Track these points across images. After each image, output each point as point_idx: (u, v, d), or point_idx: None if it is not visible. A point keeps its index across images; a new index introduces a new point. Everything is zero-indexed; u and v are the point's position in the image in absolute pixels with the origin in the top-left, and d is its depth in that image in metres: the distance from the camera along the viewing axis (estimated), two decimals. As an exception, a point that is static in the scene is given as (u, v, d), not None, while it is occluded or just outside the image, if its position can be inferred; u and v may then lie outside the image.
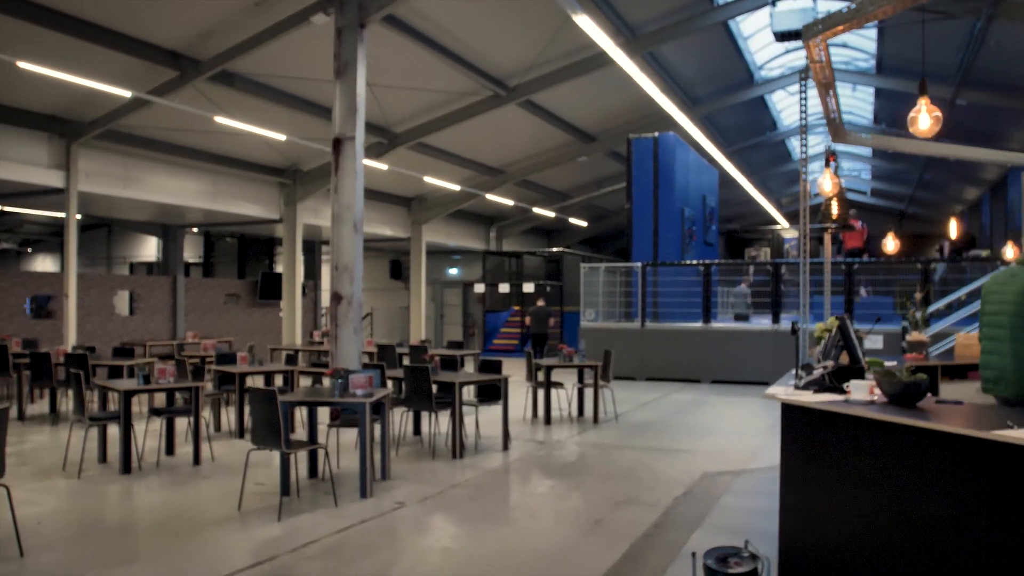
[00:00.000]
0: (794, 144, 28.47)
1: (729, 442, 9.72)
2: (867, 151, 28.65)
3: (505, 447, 9.05)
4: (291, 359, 11.30)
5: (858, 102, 23.76)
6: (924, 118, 9.40)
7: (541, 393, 11.10)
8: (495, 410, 9.44)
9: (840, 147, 29.03)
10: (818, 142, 28.28)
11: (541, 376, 11.09)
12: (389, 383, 9.73)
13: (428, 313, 30.30)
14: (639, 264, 17.30)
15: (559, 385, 11.27)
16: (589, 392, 11.45)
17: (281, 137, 14.79)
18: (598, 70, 15.93)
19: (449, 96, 16.50)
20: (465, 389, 8.83)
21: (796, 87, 21.63)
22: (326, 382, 7.62)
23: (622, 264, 18.18)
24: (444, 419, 10.20)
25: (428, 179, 20.01)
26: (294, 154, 18.08)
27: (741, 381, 15.99)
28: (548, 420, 10.88)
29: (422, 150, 19.23)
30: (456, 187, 21.38)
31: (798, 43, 20.17)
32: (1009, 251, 17.82)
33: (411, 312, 24.51)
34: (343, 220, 11.01)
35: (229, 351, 11.90)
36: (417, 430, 9.99)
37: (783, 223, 38.87)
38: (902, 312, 16.29)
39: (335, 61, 10.90)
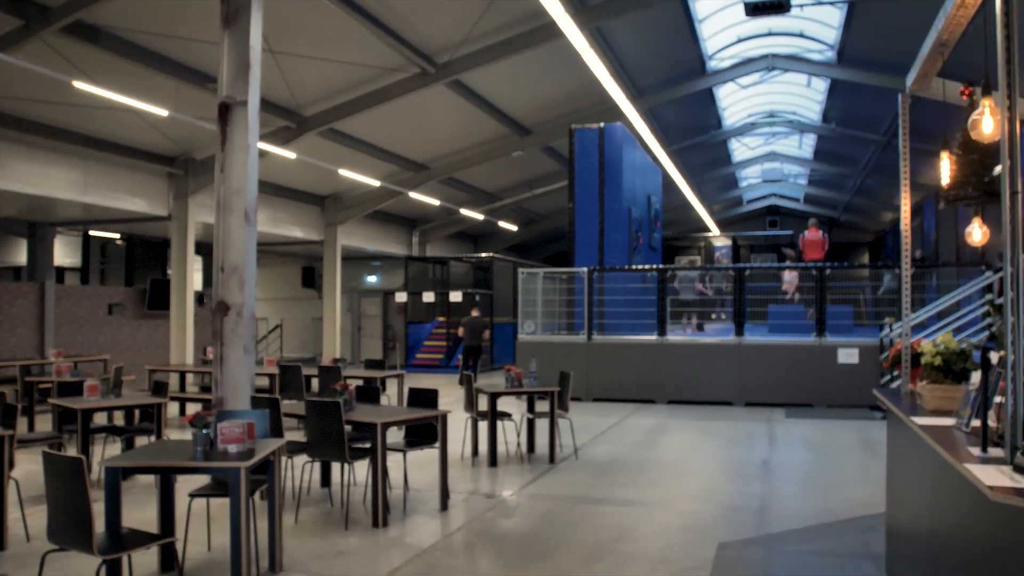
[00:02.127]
0: (734, 146, 27.07)
1: (722, 487, 7.71)
2: (809, 153, 27.48)
3: (443, 506, 6.81)
4: (160, 388, 8.76)
5: (805, 100, 22.40)
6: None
7: (484, 425, 8.89)
8: (428, 450, 7.20)
9: (781, 150, 27.83)
10: (759, 143, 26.96)
11: (483, 404, 8.89)
12: (291, 429, 7.37)
13: (344, 325, 27.76)
14: (584, 269, 15.28)
15: (506, 416, 9.10)
16: (540, 423, 9.32)
17: (163, 113, 12.19)
18: (539, 46, 13.92)
19: (369, 72, 14.18)
20: (392, 429, 6.57)
21: (748, 79, 20.18)
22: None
23: (565, 270, 16.14)
24: (362, 466, 7.89)
25: (344, 172, 17.59)
26: (185, 139, 15.43)
27: (701, 401, 14.13)
28: (494, 460, 8.68)
29: (336, 138, 16.82)
30: (375, 183, 19.02)
31: (755, 31, 18.68)
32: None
33: (325, 324, 21.96)
34: (231, 208, 8.57)
35: (82, 376, 9.28)
36: (326, 480, 7.66)
37: (715, 230, 37.73)
38: (880, 323, 14.78)
39: (223, 4, 8.49)
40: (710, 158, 27.26)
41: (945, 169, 5.66)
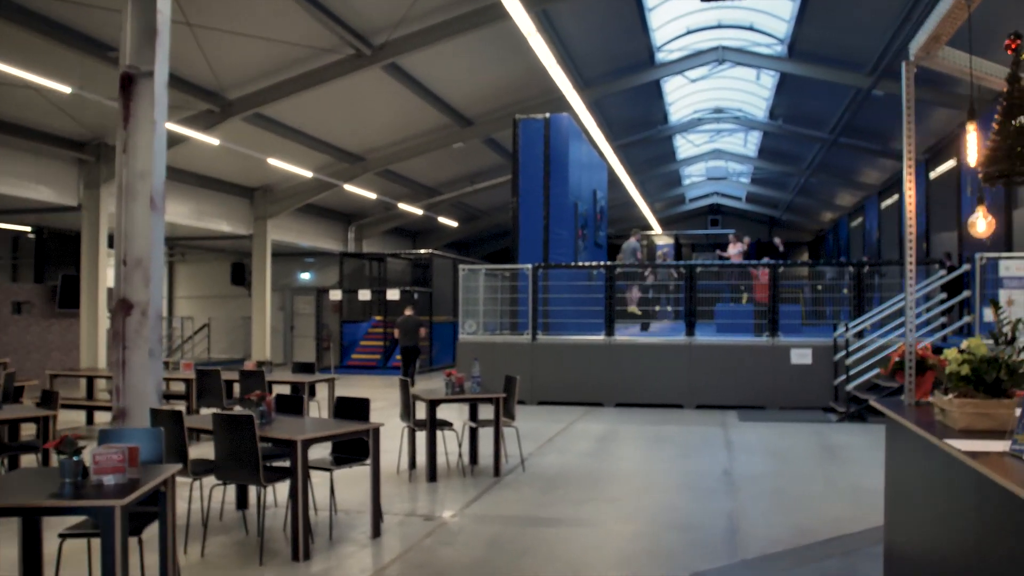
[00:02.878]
0: (679, 143, 26.68)
1: (685, 503, 7.02)
2: (753, 151, 27.26)
3: (376, 532, 5.96)
4: (48, 398, 7.68)
5: (753, 97, 22.06)
6: None
7: (422, 436, 8.05)
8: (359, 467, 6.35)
9: (726, 148, 27.56)
10: (704, 140, 26.62)
11: (422, 412, 8.05)
12: (208, 441, 6.43)
13: (275, 324, 26.57)
14: (529, 266, 14.52)
15: (446, 425, 8.27)
16: (484, 432, 8.52)
17: (66, 90, 11.02)
18: (482, 28, 13.15)
19: (299, 52, 13.18)
20: (319, 444, 5.69)
21: (696, 72, 19.70)
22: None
23: (509, 266, 15.37)
24: (285, 485, 6.99)
25: (273, 162, 16.52)
26: (95, 122, 14.18)
27: (650, 404, 13.51)
28: (433, 475, 7.84)
29: (265, 125, 15.75)
30: (308, 174, 17.97)
31: (704, 23, 18.18)
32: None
33: (254, 324, 20.79)
34: (135, 194, 7.56)
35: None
36: (243, 502, 6.72)
37: (657, 229, 37.43)
38: (834, 322, 14.35)
39: (124, -40, 7.49)
40: (655, 154, 26.83)
41: (973, 143, 5.00)
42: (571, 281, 15.07)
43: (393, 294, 22.04)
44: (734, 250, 16.36)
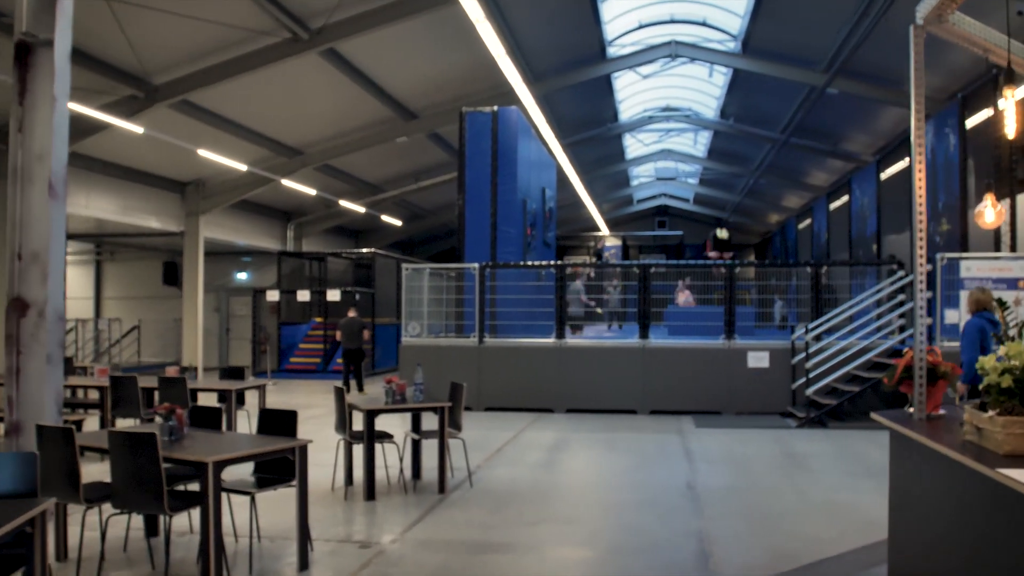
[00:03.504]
0: (628, 142, 26.27)
1: (649, 524, 6.40)
2: (703, 152, 26.99)
3: (303, 563, 5.21)
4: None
5: (704, 96, 21.72)
6: None
7: (359, 450, 7.30)
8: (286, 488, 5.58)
9: (675, 147, 27.25)
10: (653, 140, 26.26)
11: (360, 423, 7.30)
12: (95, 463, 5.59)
13: (210, 327, 25.40)
14: (475, 265, 13.84)
15: (386, 438, 7.54)
16: (428, 444, 7.80)
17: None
18: (427, 13, 12.45)
19: (231, 35, 12.28)
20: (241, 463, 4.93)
21: (648, 68, 19.22)
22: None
23: (454, 266, 14.66)
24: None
25: (204, 154, 15.54)
26: None
27: (602, 410, 12.94)
28: (371, 493, 7.09)
29: (195, 114, 14.77)
30: (242, 167, 17.00)
31: (657, 17, 17.67)
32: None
33: (184, 326, 19.69)
34: (32, 178, 6.70)
35: None
36: (152, 529, 5.89)
37: (605, 230, 37.09)
38: (782, 324, 13.96)
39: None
40: (604, 154, 26.37)
41: (1013, 112, 4.46)
42: (519, 281, 14.43)
43: (334, 295, 21.14)
44: (682, 297, 15.86)
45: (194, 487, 5.25)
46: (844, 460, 8.96)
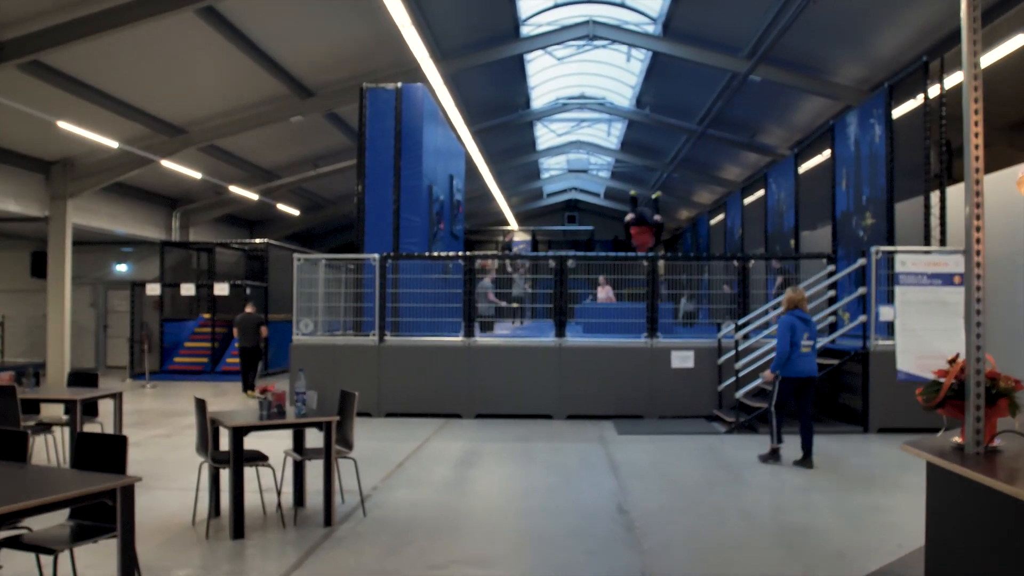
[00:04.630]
0: (540, 132, 25.29)
1: (581, 560, 5.29)
2: (617, 143, 26.25)
3: (127, 644, 3.87)
4: None
5: (619, 84, 20.90)
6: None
7: (226, 474, 5.94)
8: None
9: (588, 139, 26.44)
10: (566, 130, 25.36)
11: (225, 443, 5.94)
12: None
13: (86, 323, 23.23)
14: (376, 256, 12.52)
15: (260, 460, 6.18)
16: (314, 464, 6.48)
17: None
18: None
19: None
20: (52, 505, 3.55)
21: (564, 51, 18.22)
22: None
23: (353, 256, 13.30)
24: (21, 561, 4.76)
25: (65, 126, 13.66)
26: None
27: (515, 415, 11.84)
28: (239, 530, 5.74)
29: (53, 79, 12.89)
30: (113, 144, 15.15)
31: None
32: None
33: (50, 322, 17.59)
34: None
35: None
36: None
37: (513, 224, 36.14)
38: (717, 321, 13.16)
39: None
40: (514, 143, 25.33)
41: None
42: (425, 274, 13.16)
43: (222, 289, 19.40)
44: (603, 293, 14.92)
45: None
46: (784, 472, 8.09)
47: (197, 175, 18.65)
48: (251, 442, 5.94)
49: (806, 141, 17.98)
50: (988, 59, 12.80)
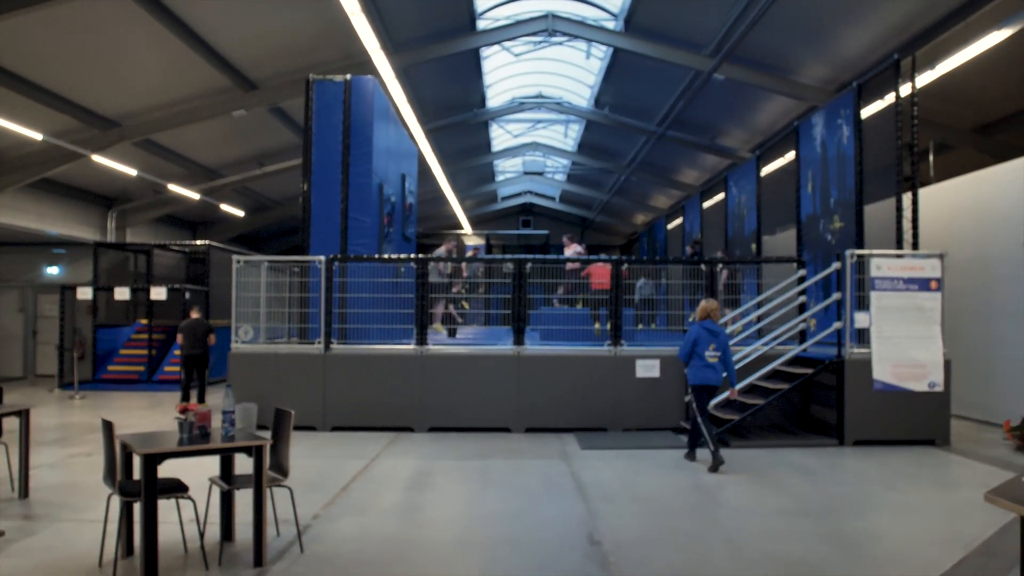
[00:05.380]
0: (495, 132, 24.61)
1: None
2: (573, 145, 25.69)
3: None
4: None
5: (578, 84, 20.33)
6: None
7: (138, 509, 5.11)
8: None
9: (546, 141, 25.86)
10: (521, 131, 24.73)
11: (137, 472, 5.11)
12: None
13: (14, 329, 21.90)
14: (322, 258, 11.71)
15: (178, 492, 5.35)
16: (243, 495, 5.67)
17: None
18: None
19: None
20: None
21: (522, 48, 17.56)
22: None
23: (297, 258, 12.46)
24: None
25: (-17, 116, 12.63)
26: None
27: (471, 428, 11.12)
28: (152, 573, 4.93)
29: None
30: (36, 136, 14.07)
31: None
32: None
33: (-31, 327, 16.39)
34: None
35: None
36: None
37: (467, 228, 35.40)
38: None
39: None
40: (469, 144, 24.61)
41: None
42: (375, 278, 12.36)
43: (159, 293, 18.30)
44: (570, 251, 14.26)
45: None
46: (765, 492, 7.49)
47: (132, 172, 17.57)
48: (173, 469, 5.13)
49: (768, 143, 17.59)
50: (955, 61, 12.50)
